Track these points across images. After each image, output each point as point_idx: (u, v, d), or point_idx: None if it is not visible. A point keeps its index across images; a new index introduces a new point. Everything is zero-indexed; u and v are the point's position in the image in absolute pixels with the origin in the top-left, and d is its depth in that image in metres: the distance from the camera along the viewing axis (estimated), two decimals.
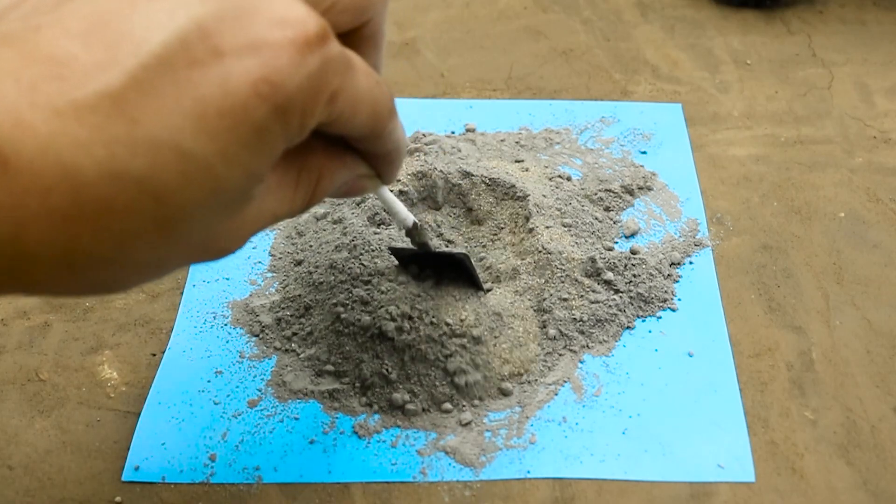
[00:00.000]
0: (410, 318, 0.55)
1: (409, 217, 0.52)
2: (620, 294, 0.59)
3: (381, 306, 0.56)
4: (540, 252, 0.59)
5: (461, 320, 0.55)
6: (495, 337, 0.56)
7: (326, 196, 0.37)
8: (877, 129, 0.73)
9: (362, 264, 0.58)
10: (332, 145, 0.35)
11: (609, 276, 0.59)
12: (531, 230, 0.61)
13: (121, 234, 0.28)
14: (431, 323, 0.55)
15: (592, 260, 0.59)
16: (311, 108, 0.30)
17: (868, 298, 0.60)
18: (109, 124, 0.26)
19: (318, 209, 0.65)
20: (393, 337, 0.54)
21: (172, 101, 0.27)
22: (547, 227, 0.61)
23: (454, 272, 0.57)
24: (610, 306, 0.58)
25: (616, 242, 0.63)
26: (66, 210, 0.27)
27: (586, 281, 0.59)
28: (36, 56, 0.28)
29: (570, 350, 0.56)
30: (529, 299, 0.58)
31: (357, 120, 0.33)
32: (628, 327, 0.58)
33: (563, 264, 0.59)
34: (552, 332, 0.56)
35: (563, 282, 0.58)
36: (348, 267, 0.58)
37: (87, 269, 0.29)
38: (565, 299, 0.57)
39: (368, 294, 0.56)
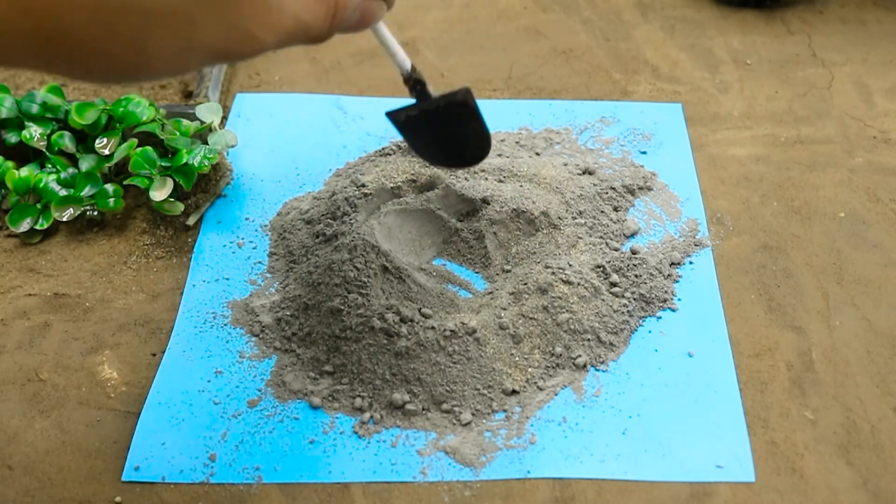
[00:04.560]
0: (411, 320, 0.55)
1: (407, 60, 0.52)
2: (626, 299, 0.59)
3: (381, 308, 0.56)
4: (548, 260, 0.59)
5: (462, 323, 0.55)
6: (498, 342, 0.55)
7: (346, 19, 0.38)
8: (877, 129, 0.73)
9: (361, 265, 0.58)
10: None
11: (615, 277, 0.59)
12: (548, 234, 0.61)
13: None
14: (431, 327, 0.55)
15: (601, 267, 0.59)
16: None
17: (868, 298, 0.60)
18: None
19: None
20: (393, 338, 0.54)
21: None
22: (566, 230, 0.61)
23: (456, 121, 0.55)
24: (620, 311, 0.58)
25: (622, 245, 0.63)
26: None
27: (594, 285, 0.58)
28: None
29: (574, 365, 0.56)
30: (535, 309, 0.57)
31: None
32: (633, 330, 0.58)
33: (570, 276, 0.58)
34: (558, 349, 0.56)
35: (570, 293, 0.58)
36: (346, 269, 0.58)
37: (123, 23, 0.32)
38: (573, 311, 0.57)
39: (366, 295, 0.56)
